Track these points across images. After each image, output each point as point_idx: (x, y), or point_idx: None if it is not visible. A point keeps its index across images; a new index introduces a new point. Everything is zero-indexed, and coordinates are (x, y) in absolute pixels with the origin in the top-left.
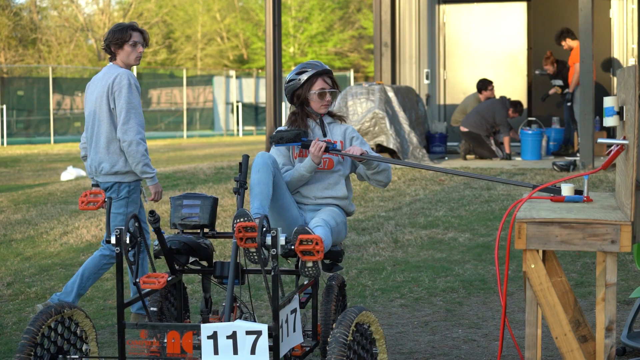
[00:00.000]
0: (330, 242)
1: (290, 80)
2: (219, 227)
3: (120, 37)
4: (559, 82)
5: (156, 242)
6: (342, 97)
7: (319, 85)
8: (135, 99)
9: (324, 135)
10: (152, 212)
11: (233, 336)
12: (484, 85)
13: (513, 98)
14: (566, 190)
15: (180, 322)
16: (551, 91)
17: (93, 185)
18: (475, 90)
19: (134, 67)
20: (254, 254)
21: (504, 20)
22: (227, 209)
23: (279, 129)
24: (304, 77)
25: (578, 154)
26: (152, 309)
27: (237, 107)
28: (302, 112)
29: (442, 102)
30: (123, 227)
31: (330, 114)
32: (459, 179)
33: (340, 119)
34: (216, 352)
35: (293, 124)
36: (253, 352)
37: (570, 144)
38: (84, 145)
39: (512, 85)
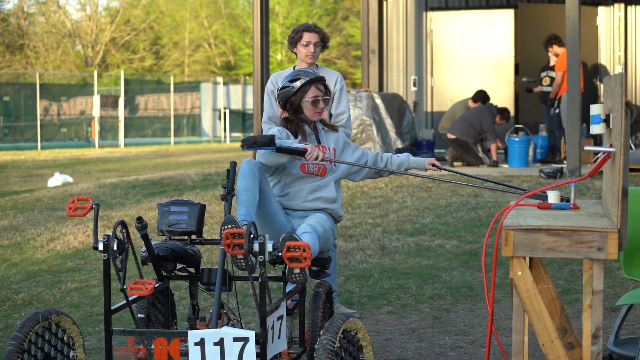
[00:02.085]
0: (317, 248)
1: (283, 88)
2: (207, 234)
3: (293, 36)
4: (552, 74)
5: (143, 249)
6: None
7: (312, 92)
8: (265, 101)
9: (318, 141)
10: (139, 219)
11: (220, 343)
12: (483, 99)
13: (500, 105)
14: (553, 197)
15: (167, 329)
16: (536, 89)
17: None
18: (462, 97)
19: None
20: (242, 260)
21: (491, 27)
22: (215, 216)
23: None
24: (298, 84)
25: (565, 162)
26: (139, 315)
27: (225, 113)
28: (296, 119)
29: (429, 109)
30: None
31: (323, 123)
32: (445, 186)
33: (333, 128)
34: (203, 358)
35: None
36: (240, 358)
37: (557, 151)
38: None
39: (499, 92)
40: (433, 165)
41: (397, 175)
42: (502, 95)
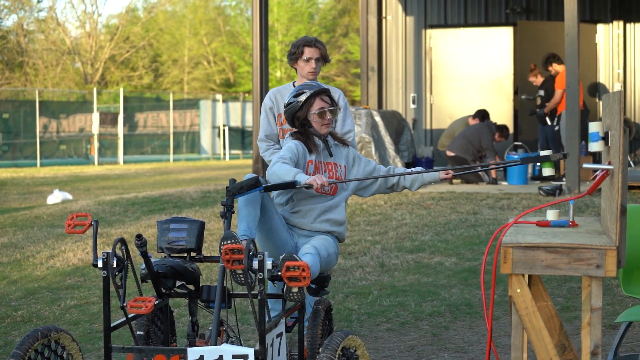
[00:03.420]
0: (318, 270)
1: (288, 104)
2: (206, 251)
3: (293, 52)
4: (541, 93)
5: (143, 266)
6: None
7: (318, 105)
8: (262, 117)
9: (330, 155)
10: (138, 236)
11: None
12: (483, 117)
13: (499, 122)
14: (551, 215)
15: (167, 346)
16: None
17: None
18: (461, 114)
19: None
20: (241, 275)
21: (490, 45)
22: (214, 233)
23: (231, 180)
24: (302, 98)
25: (564, 179)
26: (138, 332)
27: (224, 130)
28: (306, 132)
29: (428, 127)
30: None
31: (333, 137)
32: (445, 204)
33: (343, 142)
34: None
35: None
36: None
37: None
38: None
39: (498, 109)
40: (447, 173)
41: (411, 191)
42: (501, 113)
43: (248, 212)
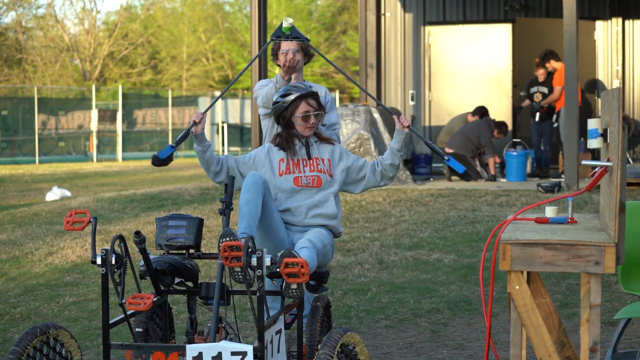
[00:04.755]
0: (315, 263)
1: (275, 103)
2: (205, 248)
3: (273, 48)
4: (544, 90)
5: (142, 263)
6: None
7: (302, 108)
8: (263, 84)
9: (308, 155)
10: (137, 233)
11: (218, 357)
12: (482, 114)
13: (498, 119)
14: (550, 211)
15: (165, 343)
16: (524, 103)
17: None
18: (460, 111)
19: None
20: (239, 273)
21: (489, 41)
22: (213, 230)
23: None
24: (289, 99)
25: (563, 176)
26: (137, 329)
27: (223, 127)
28: (287, 134)
29: (427, 124)
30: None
31: (318, 136)
32: (443, 200)
33: (328, 141)
34: None
35: (278, 145)
36: None
37: (543, 166)
38: None
39: (497, 106)
40: (401, 121)
41: (397, 164)
42: (500, 110)
43: (249, 210)
